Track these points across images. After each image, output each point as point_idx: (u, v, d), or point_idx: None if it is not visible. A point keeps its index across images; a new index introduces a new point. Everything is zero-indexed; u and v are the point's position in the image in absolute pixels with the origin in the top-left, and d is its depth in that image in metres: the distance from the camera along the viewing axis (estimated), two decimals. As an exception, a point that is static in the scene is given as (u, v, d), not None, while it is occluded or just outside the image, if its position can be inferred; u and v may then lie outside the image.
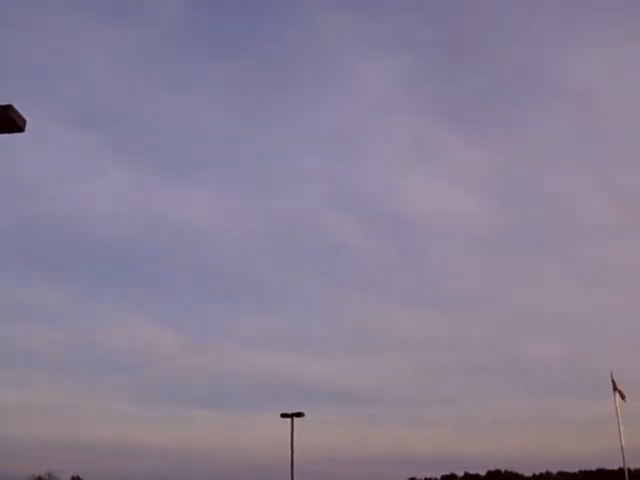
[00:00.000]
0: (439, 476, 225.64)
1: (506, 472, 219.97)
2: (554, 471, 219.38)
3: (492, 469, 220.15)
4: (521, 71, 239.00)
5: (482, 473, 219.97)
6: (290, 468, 43.58)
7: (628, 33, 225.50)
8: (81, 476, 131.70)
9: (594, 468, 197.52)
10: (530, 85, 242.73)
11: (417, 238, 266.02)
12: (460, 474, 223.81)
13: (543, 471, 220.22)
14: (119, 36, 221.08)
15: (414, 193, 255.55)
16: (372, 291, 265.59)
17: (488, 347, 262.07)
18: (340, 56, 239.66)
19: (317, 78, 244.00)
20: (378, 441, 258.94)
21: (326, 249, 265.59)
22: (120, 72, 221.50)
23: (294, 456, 47.11)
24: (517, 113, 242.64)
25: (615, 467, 46.81)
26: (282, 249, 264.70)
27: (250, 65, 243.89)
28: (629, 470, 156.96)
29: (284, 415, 43.20)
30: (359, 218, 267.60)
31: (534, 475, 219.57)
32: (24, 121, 13.38)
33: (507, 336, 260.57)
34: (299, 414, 43.27)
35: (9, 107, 13.03)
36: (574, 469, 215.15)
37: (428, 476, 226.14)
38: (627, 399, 46.63)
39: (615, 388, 45.57)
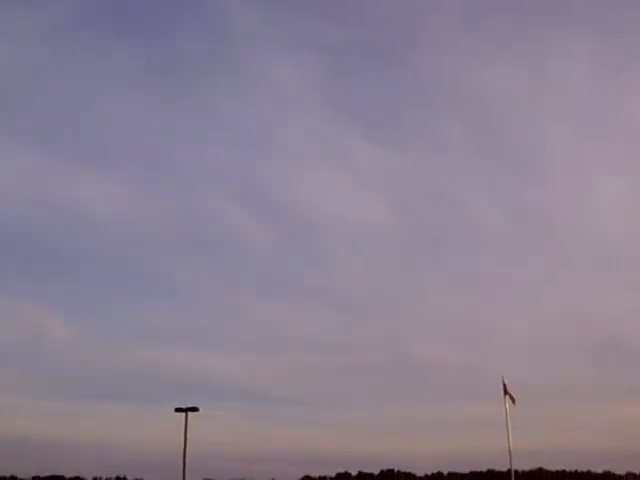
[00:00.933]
0: (333, 474, 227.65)
1: (399, 472, 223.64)
2: (445, 471, 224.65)
3: (385, 469, 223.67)
4: (431, 78, 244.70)
5: (376, 472, 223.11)
6: (182, 463, 42.78)
7: (543, 49, 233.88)
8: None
9: (484, 469, 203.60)
10: (439, 92, 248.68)
11: (318, 237, 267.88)
12: (354, 473, 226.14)
13: (435, 471, 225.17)
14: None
15: (316, 191, 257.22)
16: (271, 289, 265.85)
17: (383, 349, 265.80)
18: (250, 53, 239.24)
19: (225, 74, 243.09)
20: (274, 439, 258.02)
21: (228, 245, 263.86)
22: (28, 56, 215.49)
23: (188, 451, 46.32)
24: (425, 119, 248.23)
25: (504, 469, 48.05)
26: (184, 243, 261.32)
27: (161, 60, 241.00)
28: (516, 471, 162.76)
29: (178, 410, 42.40)
30: (261, 215, 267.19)
31: (426, 475, 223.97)
32: None
33: (402, 339, 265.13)
34: (193, 409, 42.50)
35: None
36: (465, 470, 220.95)
37: (323, 474, 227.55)
38: (517, 403, 47.89)
39: (506, 392, 46.77)
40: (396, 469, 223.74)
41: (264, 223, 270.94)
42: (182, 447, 42.69)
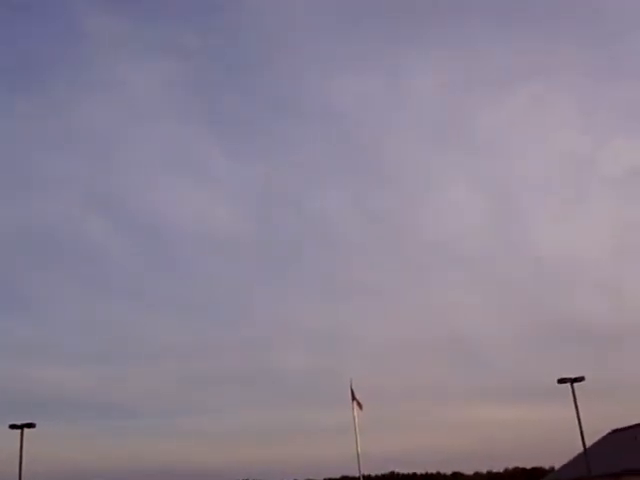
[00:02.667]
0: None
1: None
2: (301, 479, 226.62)
3: (239, 479, 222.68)
4: (292, 87, 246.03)
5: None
6: (17, 484, 40.16)
7: (398, 63, 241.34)
8: None
9: (338, 475, 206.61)
10: (300, 101, 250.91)
11: (173, 247, 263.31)
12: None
13: (291, 479, 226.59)
14: None
15: (171, 201, 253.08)
16: (124, 298, 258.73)
17: (239, 356, 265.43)
18: (104, 56, 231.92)
19: (76, 77, 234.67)
20: (125, 454, 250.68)
21: (80, 254, 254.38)
22: None
23: (28, 471, 43.75)
24: (282, 129, 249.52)
25: (356, 474, 48.28)
26: (35, 252, 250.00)
27: (7, 59, 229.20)
28: (369, 476, 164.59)
29: (13, 426, 39.75)
30: (115, 223, 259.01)
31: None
32: None
33: (258, 346, 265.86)
34: (30, 425, 39.84)
35: None
36: (320, 477, 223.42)
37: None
38: (364, 408, 48.42)
39: (353, 397, 47.17)
40: (250, 479, 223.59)
41: (119, 232, 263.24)
42: (18, 467, 40.00)
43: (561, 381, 38.90)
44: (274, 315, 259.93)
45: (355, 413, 47.50)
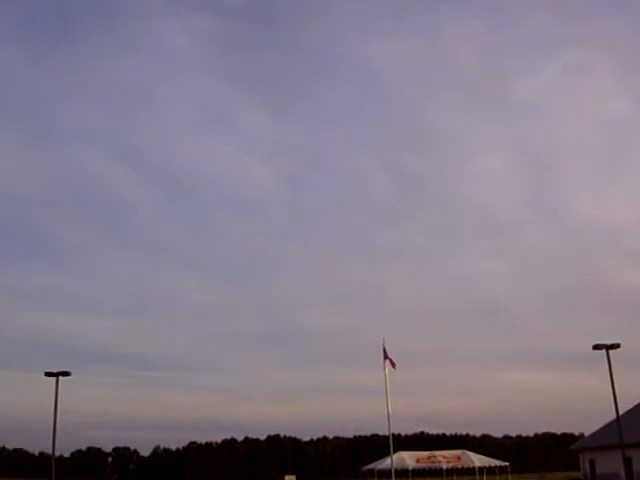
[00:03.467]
0: (219, 440, 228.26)
1: (285, 437, 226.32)
2: (331, 436, 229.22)
3: (272, 434, 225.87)
4: (325, 46, 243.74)
5: (262, 438, 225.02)
6: (52, 430, 41.00)
7: (437, 23, 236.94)
8: None
9: (368, 434, 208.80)
10: (332, 61, 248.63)
11: (201, 202, 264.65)
12: (240, 438, 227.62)
13: (320, 436, 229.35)
14: None
15: (202, 158, 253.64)
16: (158, 255, 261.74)
17: (269, 316, 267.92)
18: (142, 10, 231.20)
19: (112, 30, 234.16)
20: (157, 406, 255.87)
21: (112, 209, 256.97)
22: None
23: (66, 419, 44.64)
24: (317, 88, 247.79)
25: (386, 432, 48.52)
26: (65, 204, 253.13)
27: (35, 14, 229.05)
28: (399, 435, 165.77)
29: (49, 374, 40.47)
30: (148, 179, 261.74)
31: (311, 440, 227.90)
32: None
33: (288, 306, 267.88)
34: (65, 373, 40.52)
35: None
36: (349, 435, 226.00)
37: (209, 440, 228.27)
38: (400, 368, 48.40)
39: (386, 356, 47.09)
40: (282, 434, 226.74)
41: (147, 185, 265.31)
42: (53, 413, 40.78)
43: (596, 347, 38.27)
44: (305, 275, 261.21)
45: (387, 371, 47.49)
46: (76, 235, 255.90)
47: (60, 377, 40.70)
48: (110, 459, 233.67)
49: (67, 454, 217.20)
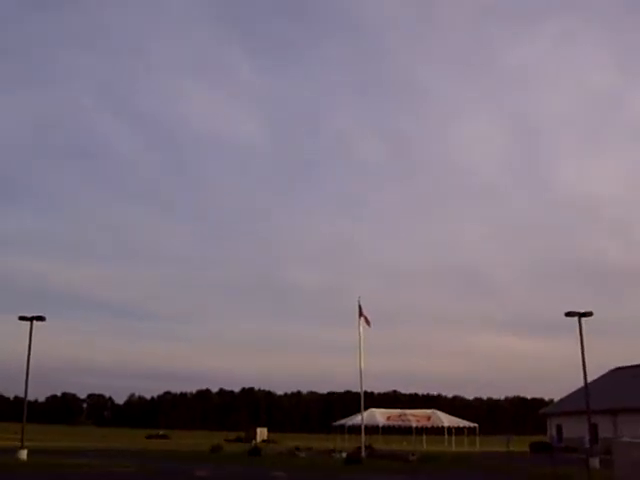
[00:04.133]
0: (194, 391, 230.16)
1: (259, 390, 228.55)
2: (305, 391, 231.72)
3: (246, 386, 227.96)
4: (320, 3, 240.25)
5: (236, 390, 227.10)
6: (25, 374, 40.95)
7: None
8: None
9: (342, 390, 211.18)
10: (324, 16, 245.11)
11: (191, 153, 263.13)
12: (215, 390, 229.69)
13: (295, 390, 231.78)
14: None
15: (189, 105, 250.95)
16: (139, 202, 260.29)
17: (249, 269, 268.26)
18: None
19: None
20: (134, 354, 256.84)
21: (92, 152, 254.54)
22: None
23: (41, 363, 44.63)
24: (308, 42, 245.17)
25: (359, 390, 48.99)
26: (46, 148, 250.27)
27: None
28: (372, 393, 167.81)
29: (22, 318, 40.26)
30: (132, 126, 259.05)
31: (285, 394, 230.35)
32: None
33: (270, 260, 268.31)
34: (40, 317, 40.28)
35: None
36: (323, 390, 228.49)
37: (184, 391, 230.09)
38: (375, 326, 48.56)
39: (361, 314, 47.21)
40: (256, 387, 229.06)
41: (137, 135, 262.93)
42: (26, 358, 40.65)
43: (569, 314, 38.60)
44: (289, 229, 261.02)
45: (361, 329, 47.67)
46: (57, 180, 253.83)
47: (34, 321, 40.49)
48: (85, 405, 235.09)
49: (42, 399, 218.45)
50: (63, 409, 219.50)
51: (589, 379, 40.41)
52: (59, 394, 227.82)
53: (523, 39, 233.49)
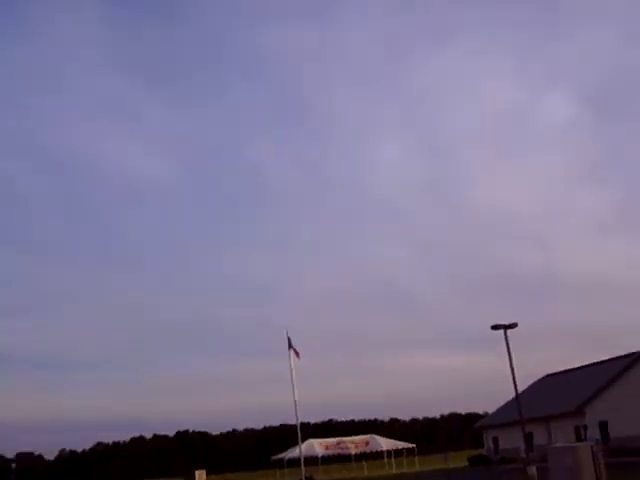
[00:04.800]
0: (128, 439, 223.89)
1: (194, 432, 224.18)
2: (241, 428, 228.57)
3: (181, 430, 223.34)
4: (217, 34, 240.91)
5: (171, 434, 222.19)
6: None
7: (333, 14, 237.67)
8: None
9: (277, 424, 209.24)
10: (226, 49, 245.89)
11: (102, 200, 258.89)
12: (149, 436, 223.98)
13: (230, 429, 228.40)
14: None
15: (104, 151, 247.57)
16: (49, 251, 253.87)
17: (175, 308, 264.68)
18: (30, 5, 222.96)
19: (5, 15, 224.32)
20: (59, 408, 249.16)
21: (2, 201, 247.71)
22: None
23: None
24: (219, 81, 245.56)
25: (295, 422, 48.50)
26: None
27: None
28: (308, 424, 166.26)
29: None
30: (38, 169, 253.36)
31: (221, 433, 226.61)
32: None
33: (195, 298, 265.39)
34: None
35: None
36: (259, 425, 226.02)
37: (116, 440, 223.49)
38: (302, 357, 48.26)
39: (290, 346, 46.97)
40: (191, 429, 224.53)
41: (42, 178, 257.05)
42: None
43: (495, 327, 39.19)
44: (210, 267, 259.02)
45: (292, 361, 47.40)
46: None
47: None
48: (14, 465, 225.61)
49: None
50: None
51: (520, 388, 41.06)
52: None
53: (433, 56, 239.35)
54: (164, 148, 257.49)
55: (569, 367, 69.80)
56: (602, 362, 62.75)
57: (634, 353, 53.15)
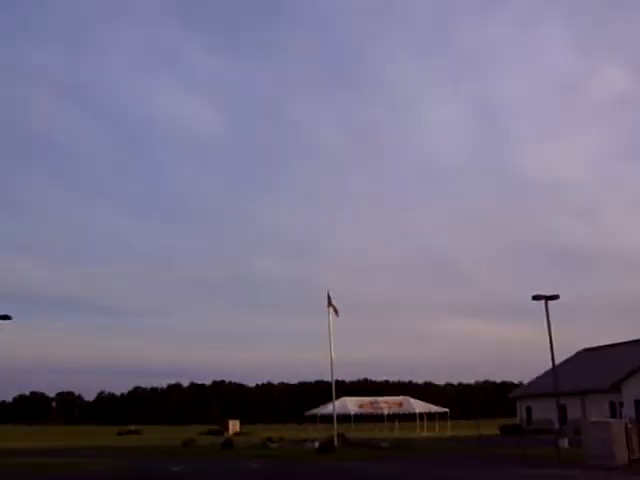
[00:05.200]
0: (165, 385, 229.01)
1: (230, 383, 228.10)
2: (276, 382, 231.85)
3: (217, 379, 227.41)
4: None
5: (207, 383, 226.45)
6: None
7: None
8: None
9: (312, 380, 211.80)
10: (284, 8, 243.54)
11: (150, 142, 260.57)
12: (186, 384, 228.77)
13: (265, 382, 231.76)
14: None
15: (147, 95, 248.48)
16: (97, 196, 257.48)
17: (217, 261, 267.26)
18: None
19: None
20: (102, 351, 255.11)
21: (52, 145, 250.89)
22: None
23: (6, 364, 43.94)
24: (268, 34, 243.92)
25: (329, 379, 49.11)
26: (16, 149, 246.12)
27: None
28: (343, 382, 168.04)
29: (-13, 317, 39.54)
30: (93, 115, 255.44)
31: (257, 385, 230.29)
32: None
33: (235, 253, 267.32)
34: (5, 317, 39.81)
35: None
36: (294, 380, 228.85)
37: (154, 386, 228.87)
38: (344, 316, 48.64)
39: (330, 303, 47.26)
40: (227, 380, 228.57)
41: (97, 125, 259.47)
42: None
43: (535, 298, 38.90)
44: (253, 222, 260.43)
45: (331, 318, 47.75)
46: (12, 174, 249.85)
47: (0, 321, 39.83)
48: (54, 404, 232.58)
49: (10, 399, 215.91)
50: (32, 408, 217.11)
51: (557, 361, 40.88)
52: (27, 393, 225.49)
53: (485, 20, 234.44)
54: (209, 97, 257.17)
55: (610, 342, 69.16)
56: (642, 340, 62.06)
57: (677, 333, 52.35)
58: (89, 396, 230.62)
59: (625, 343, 65.65)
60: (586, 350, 72.84)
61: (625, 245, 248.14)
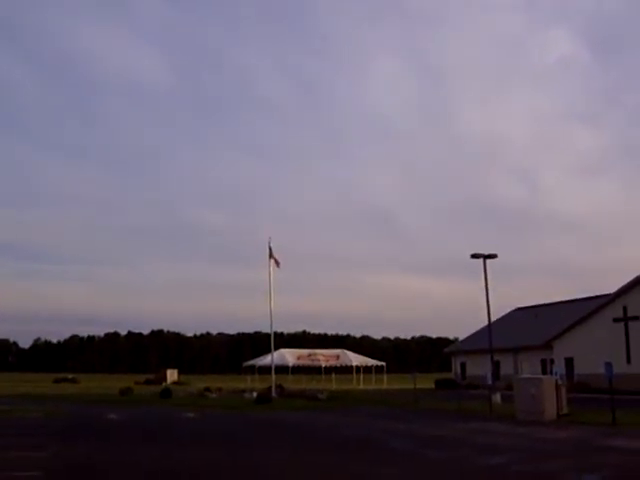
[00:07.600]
0: (102, 334, 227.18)
1: (169, 332, 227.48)
2: (214, 332, 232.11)
3: (155, 328, 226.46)
4: None
5: (145, 332, 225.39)
6: None
7: None
8: None
9: (251, 331, 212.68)
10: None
11: (92, 90, 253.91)
12: (123, 333, 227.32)
13: (204, 332, 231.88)
14: None
15: (93, 42, 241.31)
16: (37, 142, 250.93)
17: (157, 211, 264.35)
18: None
19: None
20: (37, 298, 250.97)
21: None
22: None
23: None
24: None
25: (269, 330, 49.43)
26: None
27: None
28: (282, 334, 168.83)
29: None
30: (31, 62, 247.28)
31: (195, 335, 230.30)
32: None
33: (175, 201, 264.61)
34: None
35: None
36: (233, 331, 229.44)
37: (91, 334, 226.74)
38: (285, 268, 48.67)
39: (271, 255, 47.25)
40: (165, 329, 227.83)
41: (38, 72, 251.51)
42: None
43: (474, 256, 39.63)
44: (194, 170, 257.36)
45: (271, 270, 47.80)
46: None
47: None
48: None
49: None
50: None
51: (492, 319, 41.85)
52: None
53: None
54: (153, 42, 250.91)
55: (543, 302, 71.05)
56: (574, 300, 63.83)
57: (607, 295, 53.99)
58: (25, 343, 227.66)
59: (558, 303, 67.57)
60: (519, 309, 74.73)
61: (562, 207, 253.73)
